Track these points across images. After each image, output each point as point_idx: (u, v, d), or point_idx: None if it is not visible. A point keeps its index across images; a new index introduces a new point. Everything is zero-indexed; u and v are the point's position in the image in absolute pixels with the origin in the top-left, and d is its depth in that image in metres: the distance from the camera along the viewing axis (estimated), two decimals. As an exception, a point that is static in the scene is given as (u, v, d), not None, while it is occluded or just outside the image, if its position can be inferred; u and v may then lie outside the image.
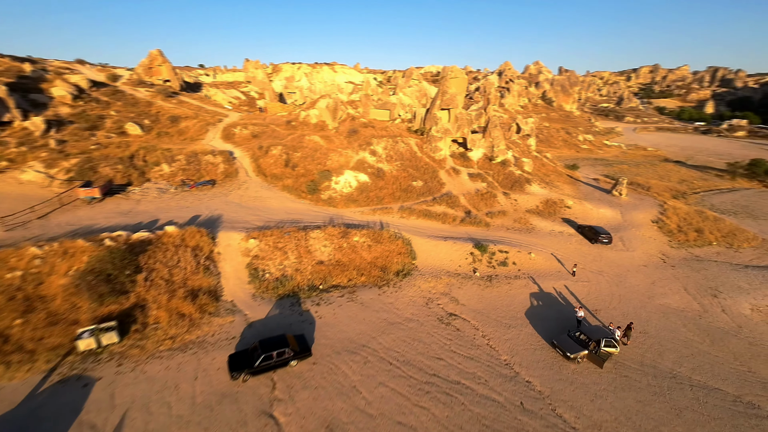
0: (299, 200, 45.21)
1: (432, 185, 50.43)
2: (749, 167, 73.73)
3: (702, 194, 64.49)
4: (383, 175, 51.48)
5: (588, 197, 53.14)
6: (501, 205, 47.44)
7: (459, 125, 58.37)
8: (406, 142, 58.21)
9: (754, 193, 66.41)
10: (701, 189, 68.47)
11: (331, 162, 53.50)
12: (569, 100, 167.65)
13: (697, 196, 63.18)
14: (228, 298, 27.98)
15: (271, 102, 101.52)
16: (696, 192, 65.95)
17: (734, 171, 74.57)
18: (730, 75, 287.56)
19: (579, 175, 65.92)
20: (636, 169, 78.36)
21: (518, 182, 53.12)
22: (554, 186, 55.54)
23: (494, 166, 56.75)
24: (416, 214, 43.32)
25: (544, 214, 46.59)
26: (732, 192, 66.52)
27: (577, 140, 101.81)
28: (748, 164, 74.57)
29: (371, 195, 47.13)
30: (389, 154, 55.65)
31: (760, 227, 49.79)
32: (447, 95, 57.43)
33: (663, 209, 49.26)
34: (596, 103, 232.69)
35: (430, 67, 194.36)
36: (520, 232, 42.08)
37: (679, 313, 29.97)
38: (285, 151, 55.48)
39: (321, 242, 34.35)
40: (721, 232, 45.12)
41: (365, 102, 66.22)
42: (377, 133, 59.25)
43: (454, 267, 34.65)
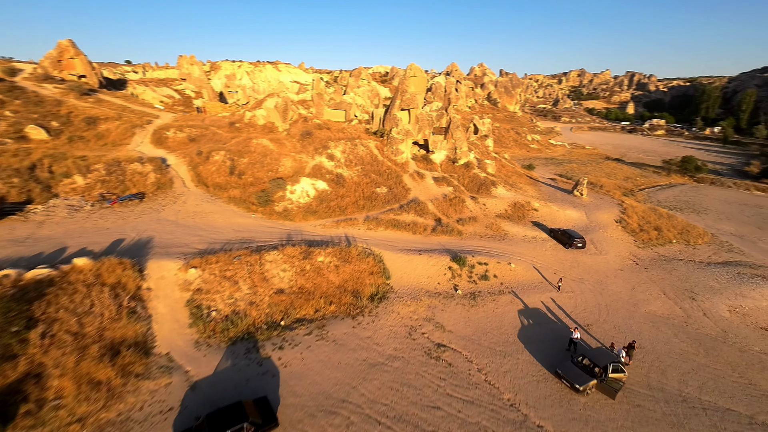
0: (249, 214, 38.92)
1: (397, 191, 46.41)
2: (681, 164, 78.67)
3: (647, 191, 67.10)
4: (344, 181, 46.54)
5: (552, 198, 52.27)
6: (470, 211, 44.63)
7: (420, 126, 55.02)
8: (366, 144, 53.70)
9: (689, 188, 70.52)
10: (644, 185, 71.49)
11: (284, 168, 47.52)
12: (512, 101, 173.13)
13: (642, 192, 65.51)
14: (162, 349, 21.70)
15: (210, 102, 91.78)
16: (641, 189, 68.58)
17: (669, 168, 79.20)
18: (645, 80, 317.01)
19: (536, 175, 65.66)
20: (584, 168, 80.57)
21: (484, 185, 50.85)
22: (518, 188, 54.13)
23: (458, 169, 54.12)
24: (384, 224, 39.00)
25: (514, 219, 44.51)
26: (671, 188, 70.12)
27: (526, 140, 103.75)
28: (680, 161, 79.55)
29: (333, 205, 42.01)
30: (348, 158, 50.79)
31: (704, 222, 51.85)
32: (407, 95, 53.79)
33: (623, 209, 49.56)
34: (534, 104, 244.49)
35: (378, 67, 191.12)
36: (494, 240, 39.39)
37: (666, 321, 28.58)
38: (229, 156, 48.49)
39: (279, 266, 28.82)
40: (676, 229, 45.94)
41: (318, 101, 60.71)
42: (334, 135, 54.10)
43: (433, 285, 30.82)
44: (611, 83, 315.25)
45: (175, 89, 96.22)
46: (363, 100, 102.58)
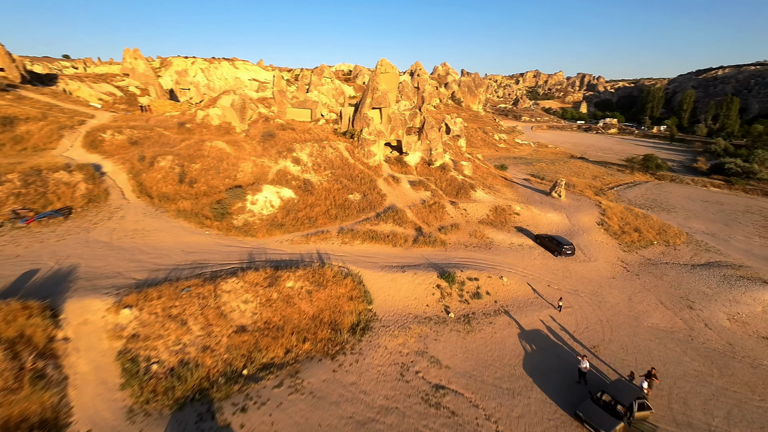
0: (202, 230, 33.10)
1: (372, 198, 42.07)
2: (643, 162, 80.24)
3: (616, 189, 67.21)
4: (312, 188, 41.54)
5: (531, 201, 50.09)
6: (452, 218, 41.18)
7: (393, 127, 50.97)
8: (335, 146, 48.86)
9: (653, 186, 71.64)
10: (612, 184, 71.84)
11: (244, 175, 41.76)
12: (475, 100, 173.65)
13: (612, 192, 65.45)
14: (81, 426, 16.16)
15: (158, 99, 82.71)
16: (610, 187, 68.67)
17: (632, 166, 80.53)
18: (594, 81, 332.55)
19: (510, 176, 63.75)
20: (553, 167, 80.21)
21: (463, 188, 47.68)
22: (496, 190, 51.52)
23: (434, 171, 50.64)
24: (361, 237, 34.55)
25: (496, 224, 41.58)
26: (637, 186, 70.87)
27: (494, 139, 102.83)
28: (642, 160, 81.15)
29: (301, 216, 36.96)
30: (316, 161, 45.76)
31: (676, 220, 51.81)
32: (378, 93, 49.52)
33: (602, 210, 48.22)
34: (495, 104, 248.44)
35: (341, 65, 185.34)
36: (480, 250, 36.10)
37: (671, 336, 26.39)
38: (178, 161, 42.02)
39: (239, 297, 23.68)
40: (654, 229, 45.08)
41: (280, 100, 54.97)
42: (299, 136, 48.80)
43: (421, 308, 26.86)
44: (564, 84, 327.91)
45: (117, 86, 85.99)
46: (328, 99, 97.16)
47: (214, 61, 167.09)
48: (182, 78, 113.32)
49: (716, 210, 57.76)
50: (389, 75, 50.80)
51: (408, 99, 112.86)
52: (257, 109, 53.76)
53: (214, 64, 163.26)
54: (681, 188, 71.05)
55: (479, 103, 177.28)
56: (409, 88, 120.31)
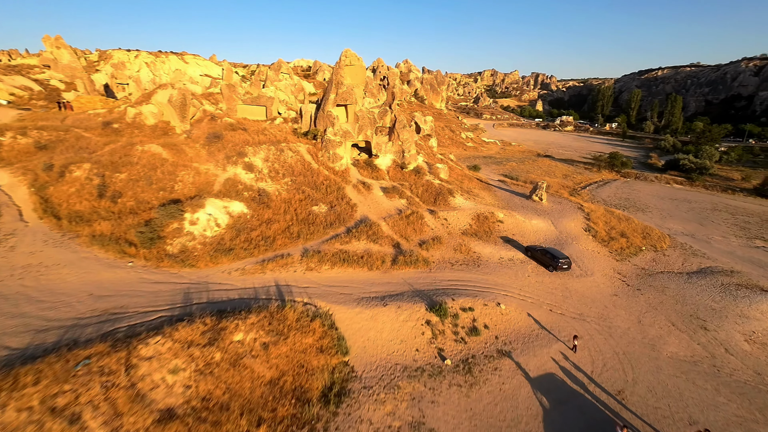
0: (124, 261, 25.52)
1: (341, 210, 35.89)
2: (609, 160, 79.77)
3: (588, 189, 65.39)
4: (269, 200, 34.69)
5: (512, 206, 46.05)
6: (432, 229, 35.96)
7: (360, 126, 44.93)
8: (295, 149, 42.06)
9: (621, 184, 70.81)
10: (583, 183, 70.22)
11: (183, 186, 34.12)
12: (438, 98, 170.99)
13: (585, 191, 63.48)
14: None
15: (85, 95, 71.07)
16: (582, 187, 66.84)
17: (599, 164, 79.81)
18: (547, 80, 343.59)
19: (485, 178, 59.84)
20: (524, 166, 77.72)
21: (440, 195, 42.64)
22: (475, 195, 47.03)
23: (408, 176, 45.23)
24: (329, 260, 28.37)
25: (481, 235, 36.89)
26: (606, 184, 69.68)
27: (462, 138, 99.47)
28: (608, 158, 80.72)
29: (255, 236, 30.09)
30: (273, 167, 38.83)
31: (653, 221, 50.01)
32: (343, 87, 43.22)
33: (586, 214, 45.09)
34: (456, 102, 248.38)
35: (300, 61, 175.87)
36: (468, 268, 31.11)
37: (695, 368, 22.67)
38: (98, 171, 33.63)
39: (166, 365, 16.90)
40: (637, 232, 42.52)
41: (229, 95, 47.12)
42: (252, 138, 41.51)
43: (410, 353, 21.30)
44: (520, 83, 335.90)
45: (36, 79, 73.16)
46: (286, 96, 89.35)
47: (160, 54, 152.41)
48: (119, 72, 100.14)
49: (687, 209, 57.03)
50: (355, 68, 44.66)
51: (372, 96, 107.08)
52: (201, 107, 45.66)
53: (161, 58, 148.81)
54: (648, 186, 70.76)
55: (442, 100, 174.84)
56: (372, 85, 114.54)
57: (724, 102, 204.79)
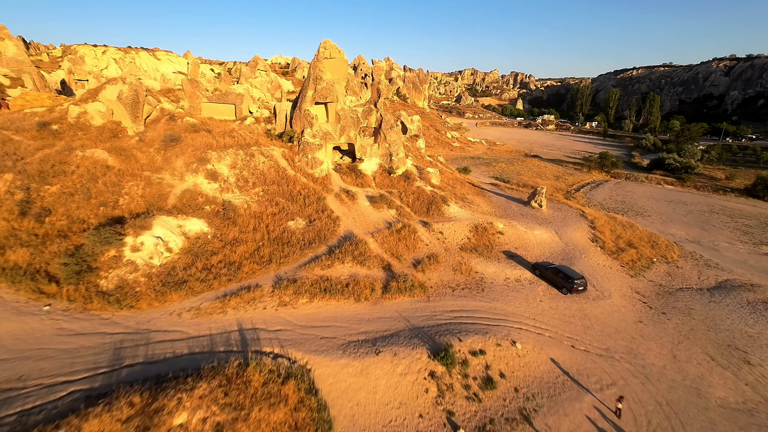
0: (39, 303, 19.57)
1: (321, 224, 30.58)
2: (600, 160, 77.04)
3: (582, 191, 62.08)
4: (236, 215, 29.06)
5: (511, 214, 41.74)
6: (427, 245, 31.14)
7: (343, 127, 39.62)
8: (268, 153, 36.44)
9: (614, 185, 67.94)
10: (575, 184, 67.01)
11: (130, 200, 28.10)
12: (420, 96, 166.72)
13: (579, 194, 60.12)
14: None
15: (33, 93, 62.87)
16: (575, 189, 63.53)
17: (589, 164, 76.98)
18: (526, 79, 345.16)
19: (477, 181, 55.55)
20: (513, 167, 74.01)
21: (433, 203, 37.87)
22: (469, 202, 42.49)
23: (397, 182, 40.27)
24: (308, 290, 23.09)
25: (481, 250, 32.31)
26: (600, 185, 66.66)
27: (447, 138, 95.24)
28: (598, 158, 78.00)
29: (216, 262, 24.49)
30: (242, 175, 33.14)
31: (655, 226, 46.84)
32: (322, 83, 37.79)
33: (590, 222, 41.23)
34: (438, 101, 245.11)
35: (278, 57, 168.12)
36: (472, 293, 26.43)
37: (753, 421, 18.64)
38: (23, 182, 27.25)
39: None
40: (644, 241, 39.00)
41: (192, 92, 40.89)
42: (218, 141, 35.65)
43: (412, 422, 16.38)
44: (500, 82, 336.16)
45: (-26, 73, 64.38)
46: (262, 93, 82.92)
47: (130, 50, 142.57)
48: (78, 67, 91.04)
49: (685, 211, 54.29)
50: (336, 61, 39.28)
51: (354, 94, 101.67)
52: (158, 105, 39.34)
53: (131, 54, 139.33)
54: (640, 187, 68.15)
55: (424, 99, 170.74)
56: (354, 82, 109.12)
57: (697, 101, 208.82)
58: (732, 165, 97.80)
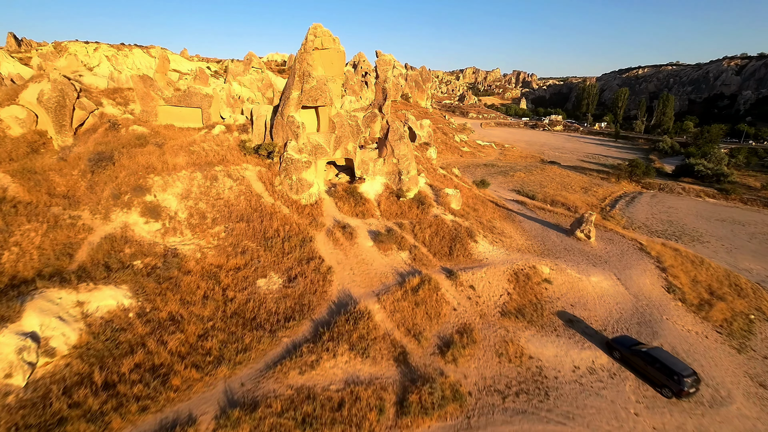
0: None
1: (305, 283, 20.94)
2: (630, 169, 67.34)
3: (618, 207, 52.44)
4: (180, 272, 19.43)
5: (552, 248, 32.11)
6: (455, 309, 21.61)
7: (339, 137, 29.91)
8: (239, 175, 26.80)
9: (650, 199, 58.30)
10: (604, 197, 57.42)
11: (17, 255, 18.43)
12: (423, 96, 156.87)
13: (616, 212, 50.49)
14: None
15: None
16: (607, 204, 53.94)
17: (618, 173, 67.23)
18: (528, 78, 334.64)
19: (499, 198, 45.90)
20: (533, 177, 64.31)
21: (457, 238, 28.21)
22: (499, 233, 32.83)
23: (408, 208, 30.60)
24: (275, 426, 13.57)
25: (528, 313, 22.75)
26: (635, 199, 56.99)
27: (456, 142, 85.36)
28: (628, 166, 68.28)
29: (127, 369, 14.86)
30: (198, 209, 23.48)
31: (720, 256, 37.38)
32: (311, 81, 28.04)
33: (655, 259, 31.62)
34: (440, 100, 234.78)
35: (274, 54, 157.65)
36: (531, 404, 16.88)
37: None
38: None
39: None
40: (725, 285, 29.60)
41: (145, 92, 31.04)
42: (167, 160, 25.90)
43: None
44: (502, 81, 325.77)
45: None
46: (251, 93, 72.82)
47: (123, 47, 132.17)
48: (49, 63, 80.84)
49: (747, 235, 44.72)
50: (330, 53, 29.49)
51: (353, 93, 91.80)
52: (97, 109, 29.60)
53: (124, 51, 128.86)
54: (680, 201, 58.53)
55: (427, 99, 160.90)
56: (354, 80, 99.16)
57: (707, 101, 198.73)
58: (762, 171, 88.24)
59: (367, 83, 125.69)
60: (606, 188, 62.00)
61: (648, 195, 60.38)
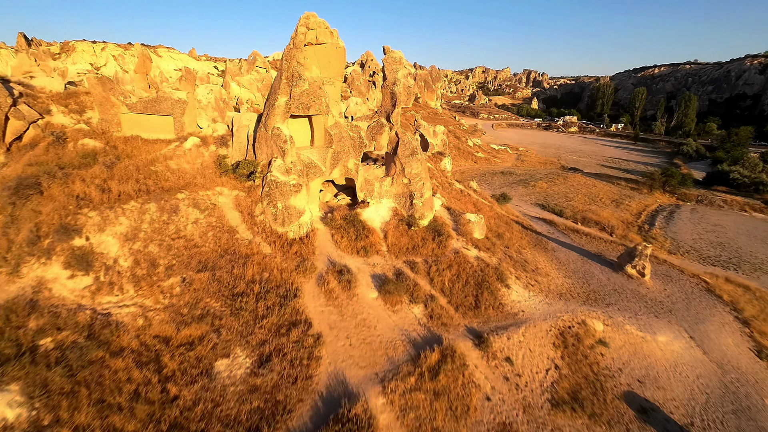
0: None
1: (281, 366, 14.94)
2: (665, 179, 60.07)
3: (656, 224, 45.53)
4: (107, 353, 13.54)
5: (600, 291, 25.65)
6: (489, 400, 15.45)
7: (337, 153, 23.85)
8: (209, 203, 20.92)
9: (690, 214, 51.15)
10: (638, 212, 50.49)
11: None
12: (433, 96, 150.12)
13: (656, 231, 43.62)
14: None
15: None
16: (647, 221, 47.03)
17: (651, 184, 59.98)
18: (539, 77, 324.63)
19: (524, 218, 39.43)
20: (556, 188, 57.52)
21: (484, 284, 21.94)
22: (531, 269, 26.44)
23: (421, 241, 24.40)
24: None
25: (586, 401, 16.52)
26: (673, 214, 49.93)
27: (469, 146, 78.65)
28: (662, 175, 61.01)
29: None
30: (147, 254, 17.57)
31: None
32: (302, 84, 21.98)
33: (731, 307, 24.96)
34: (449, 100, 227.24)
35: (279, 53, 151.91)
36: None
37: None
38: None
39: None
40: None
41: (104, 97, 25.28)
42: (116, 186, 20.07)
43: None
44: (513, 80, 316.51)
45: None
46: (251, 94, 67.13)
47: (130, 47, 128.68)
48: (42, 62, 76.07)
49: (817, 263, 37.57)
50: (326, 49, 23.39)
51: (360, 95, 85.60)
52: (42, 118, 23.93)
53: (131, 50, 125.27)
54: (725, 217, 51.28)
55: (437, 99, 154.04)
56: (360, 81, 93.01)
57: (729, 101, 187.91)
58: (802, 179, 79.91)
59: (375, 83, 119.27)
60: (639, 201, 54.95)
61: (687, 209, 53.22)
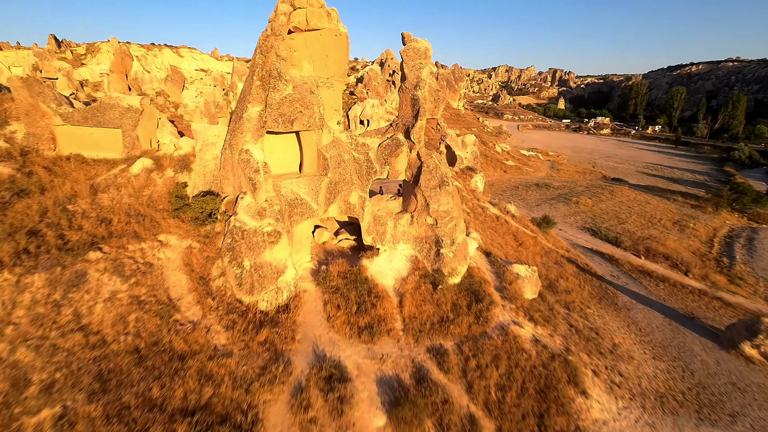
0: None
1: None
2: (735, 197, 49.92)
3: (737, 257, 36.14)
4: None
5: (707, 386, 17.52)
6: None
7: (335, 183, 16.61)
8: (143, 261, 14.01)
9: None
10: (713, 240, 40.99)
11: None
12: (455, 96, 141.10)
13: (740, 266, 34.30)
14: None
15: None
16: (725, 253, 37.65)
17: (717, 202, 49.87)
18: (565, 76, 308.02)
19: (579, 255, 31.03)
20: (602, 204, 48.38)
21: (550, 393, 14.27)
22: (606, 350, 18.45)
23: (450, 309, 16.84)
24: None
25: None
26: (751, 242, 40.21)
27: (497, 153, 69.83)
28: (731, 191, 50.90)
29: None
30: (15, 364, 10.75)
31: None
32: (285, 87, 14.79)
33: None
34: (472, 100, 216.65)
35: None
36: None
37: None
38: None
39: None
40: None
41: (33, 103, 18.91)
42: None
43: None
44: (537, 79, 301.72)
45: None
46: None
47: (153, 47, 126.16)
48: (46, 62, 72.18)
49: None
50: (322, 38, 16.09)
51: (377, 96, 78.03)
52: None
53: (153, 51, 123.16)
54: (819, 247, 41.13)
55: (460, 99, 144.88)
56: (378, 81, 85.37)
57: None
58: None
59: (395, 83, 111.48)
60: (705, 223, 45.24)
61: (766, 233, 43.23)
